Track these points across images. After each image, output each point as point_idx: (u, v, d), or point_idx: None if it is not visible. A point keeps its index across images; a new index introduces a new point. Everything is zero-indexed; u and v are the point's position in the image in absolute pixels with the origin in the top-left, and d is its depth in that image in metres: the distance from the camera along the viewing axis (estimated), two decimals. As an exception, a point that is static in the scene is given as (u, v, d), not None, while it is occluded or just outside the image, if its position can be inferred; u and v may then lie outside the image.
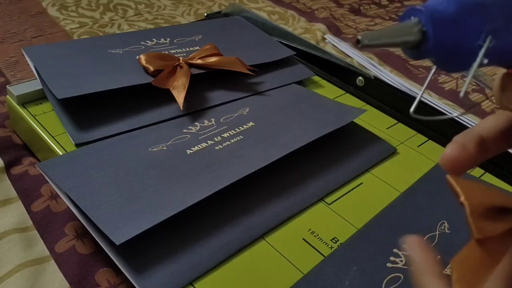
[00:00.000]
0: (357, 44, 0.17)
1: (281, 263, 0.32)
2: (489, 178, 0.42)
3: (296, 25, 0.77)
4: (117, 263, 0.30)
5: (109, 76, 0.42)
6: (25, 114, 0.41)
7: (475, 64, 0.18)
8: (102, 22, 0.69)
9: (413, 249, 0.21)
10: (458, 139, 0.21)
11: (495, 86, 0.21)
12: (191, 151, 0.38)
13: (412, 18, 0.18)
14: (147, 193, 0.33)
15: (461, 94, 0.18)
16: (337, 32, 0.76)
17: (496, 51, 0.18)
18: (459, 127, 0.46)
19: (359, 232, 0.35)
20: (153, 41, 0.50)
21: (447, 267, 0.32)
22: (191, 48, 0.50)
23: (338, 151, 0.42)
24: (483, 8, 0.18)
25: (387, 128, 0.47)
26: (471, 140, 0.21)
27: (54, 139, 0.39)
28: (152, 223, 0.30)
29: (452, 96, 0.62)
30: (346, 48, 0.70)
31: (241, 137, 0.40)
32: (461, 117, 0.56)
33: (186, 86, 0.42)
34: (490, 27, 0.18)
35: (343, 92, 0.53)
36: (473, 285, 0.19)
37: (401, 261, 0.32)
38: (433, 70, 0.20)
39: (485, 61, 0.18)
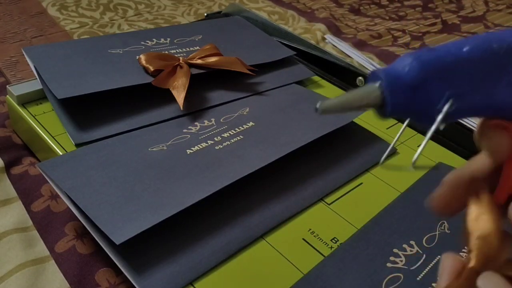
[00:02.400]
0: (316, 111, 0.17)
1: (281, 263, 0.32)
2: (489, 178, 0.42)
3: (296, 25, 0.77)
4: (117, 263, 0.30)
5: (109, 76, 0.42)
6: (25, 114, 0.41)
7: (431, 131, 0.18)
8: (102, 22, 0.69)
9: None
10: (448, 180, 0.22)
11: (476, 131, 0.21)
12: (191, 151, 0.38)
13: (374, 82, 0.18)
14: (147, 193, 0.33)
15: (415, 157, 0.18)
16: (337, 32, 0.76)
17: (463, 111, 0.18)
18: (459, 127, 0.46)
19: (359, 232, 0.35)
20: (153, 41, 0.50)
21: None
22: (191, 48, 0.50)
23: (338, 151, 0.42)
24: (448, 74, 0.18)
25: (387, 128, 0.47)
26: (462, 182, 0.21)
27: (54, 139, 0.39)
28: (152, 223, 0.30)
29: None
30: (346, 48, 0.70)
31: (241, 137, 0.40)
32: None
33: (186, 86, 0.42)
34: (453, 92, 0.18)
35: (343, 92, 0.53)
36: None
37: (401, 261, 0.32)
38: (404, 125, 0.20)
39: (442, 126, 0.18)
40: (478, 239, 0.19)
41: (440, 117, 0.18)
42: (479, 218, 0.20)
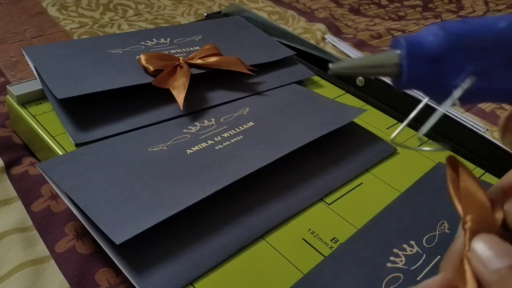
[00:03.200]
0: (328, 71, 0.17)
1: (281, 263, 0.32)
2: (489, 178, 0.42)
3: (296, 25, 0.77)
4: (117, 263, 0.30)
5: (109, 76, 0.42)
6: (25, 114, 0.41)
7: (446, 105, 0.17)
8: (102, 22, 0.69)
9: None
10: None
11: (500, 125, 0.20)
12: (191, 151, 0.38)
13: (395, 49, 0.17)
14: (147, 193, 0.33)
15: (424, 129, 0.17)
16: (337, 32, 0.76)
17: (482, 91, 0.17)
18: (459, 127, 0.46)
19: (359, 232, 0.35)
20: (153, 41, 0.50)
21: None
22: (191, 48, 0.50)
23: (338, 151, 0.42)
24: (474, 48, 0.17)
25: (387, 128, 0.47)
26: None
27: (54, 139, 0.39)
28: (152, 223, 0.30)
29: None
30: (346, 48, 0.70)
31: (241, 137, 0.40)
32: (461, 118, 0.56)
33: (186, 86, 0.42)
34: (476, 69, 0.17)
35: (343, 92, 0.53)
36: None
37: (401, 261, 0.32)
38: (422, 103, 0.19)
39: (457, 104, 0.17)
40: (471, 205, 0.19)
41: (458, 92, 0.17)
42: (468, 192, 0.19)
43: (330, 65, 0.17)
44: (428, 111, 0.18)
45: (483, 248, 0.18)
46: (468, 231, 0.19)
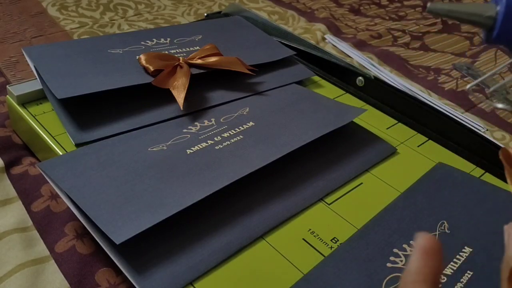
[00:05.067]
0: (426, 8, 0.19)
1: (281, 263, 0.32)
2: (489, 178, 0.42)
3: (296, 25, 0.77)
4: (117, 263, 0.30)
5: (109, 76, 0.42)
6: (25, 114, 0.41)
7: None
8: (102, 22, 0.69)
9: (416, 252, 0.20)
10: None
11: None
12: (191, 151, 0.38)
13: (495, 3, 0.19)
14: (147, 193, 0.33)
15: (469, 86, 0.20)
16: (337, 32, 0.76)
17: None
18: (458, 127, 0.46)
19: (359, 232, 0.35)
20: (153, 41, 0.50)
21: (443, 270, 0.32)
22: (191, 48, 0.50)
23: (338, 151, 0.42)
24: None
25: (387, 128, 0.47)
26: None
27: (54, 139, 0.39)
28: (152, 223, 0.30)
29: (452, 96, 0.62)
30: (346, 48, 0.70)
31: (241, 137, 0.40)
32: (461, 118, 0.56)
33: (186, 86, 0.42)
34: None
35: (343, 92, 0.53)
36: None
37: (401, 261, 0.32)
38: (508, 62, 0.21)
39: None
40: None
41: None
42: None
43: (429, 4, 0.18)
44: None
45: None
46: None
